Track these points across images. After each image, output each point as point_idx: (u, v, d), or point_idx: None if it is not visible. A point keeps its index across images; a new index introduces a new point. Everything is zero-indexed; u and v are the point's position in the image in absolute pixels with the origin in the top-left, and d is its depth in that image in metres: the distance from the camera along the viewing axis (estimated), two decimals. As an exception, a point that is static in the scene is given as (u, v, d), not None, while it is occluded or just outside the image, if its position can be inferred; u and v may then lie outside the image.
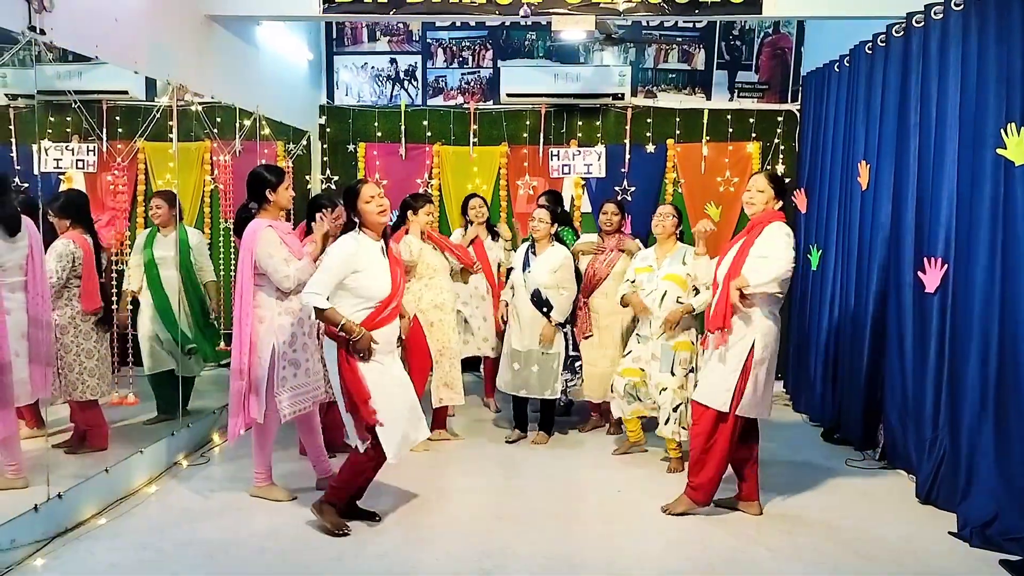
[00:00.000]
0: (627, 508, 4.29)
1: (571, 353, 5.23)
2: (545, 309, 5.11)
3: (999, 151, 3.87)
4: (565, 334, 5.21)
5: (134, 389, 5.17)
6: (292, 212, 6.69)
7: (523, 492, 4.49)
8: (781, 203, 4.06)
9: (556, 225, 5.26)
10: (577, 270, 5.28)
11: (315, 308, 3.57)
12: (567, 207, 7.14)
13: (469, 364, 6.60)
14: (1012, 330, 3.80)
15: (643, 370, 4.78)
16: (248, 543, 3.76)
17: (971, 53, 4.15)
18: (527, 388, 5.23)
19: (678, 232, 4.92)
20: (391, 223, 3.97)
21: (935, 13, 4.50)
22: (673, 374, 4.69)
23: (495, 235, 6.16)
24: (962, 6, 4.26)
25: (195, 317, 5.36)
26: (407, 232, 5.07)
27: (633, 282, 4.94)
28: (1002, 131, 3.85)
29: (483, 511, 4.19)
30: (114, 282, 4.92)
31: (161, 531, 3.86)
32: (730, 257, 4.01)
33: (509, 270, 5.61)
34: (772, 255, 3.86)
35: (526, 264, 5.20)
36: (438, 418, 5.34)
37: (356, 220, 3.72)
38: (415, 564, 3.57)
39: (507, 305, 5.39)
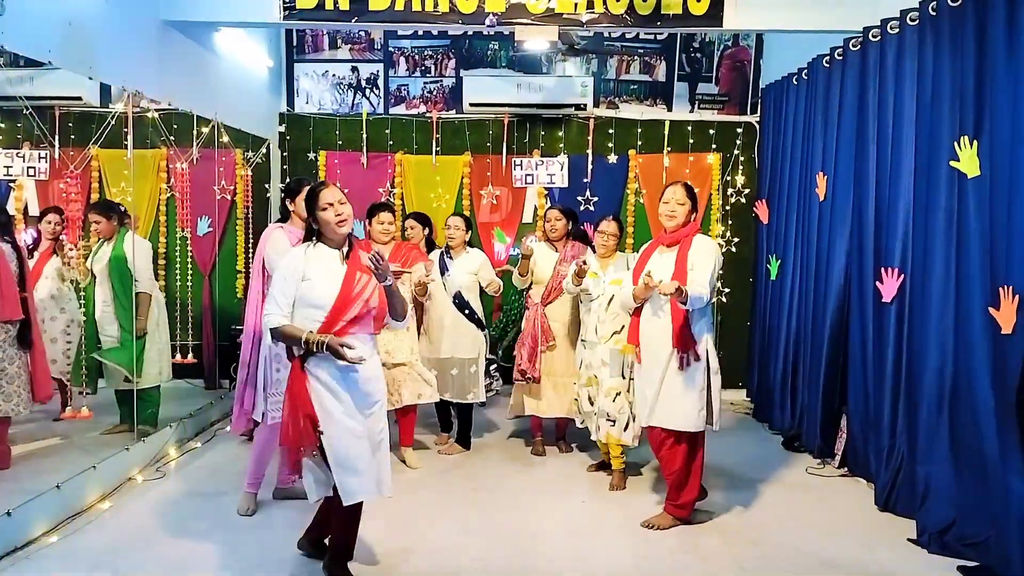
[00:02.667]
0: (593, 521, 4.29)
1: (488, 356, 5.30)
2: (467, 312, 5.20)
3: (952, 163, 3.95)
4: (486, 336, 5.22)
5: (87, 403, 5.05)
6: (250, 220, 6.63)
7: (488, 506, 4.45)
8: (695, 215, 4.19)
9: (469, 233, 5.43)
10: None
11: (271, 329, 3.19)
12: (528, 217, 7.21)
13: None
14: (965, 338, 3.87)
15: (595, 376, 4.74)
16: (205, 561, 3.67)
17: (926, 67, 4.24)
18: (450, 392, 5.29)
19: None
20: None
21: (891, 28, 4.59)
22: (624, 377, 4.65)
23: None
24: (917, 21, 4.35)
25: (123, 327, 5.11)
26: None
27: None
28: (955, 144, 3.93)
29: (450, 526, 4.15)
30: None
31: (116, 549, 3.76)
32: (665, 270, 4.02)
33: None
34: (699, 266, 3.95)
35: (444, 269, 5.29)
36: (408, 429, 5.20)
37: (315, 227, 3.40)
38: (379, 579, 3.52)
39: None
